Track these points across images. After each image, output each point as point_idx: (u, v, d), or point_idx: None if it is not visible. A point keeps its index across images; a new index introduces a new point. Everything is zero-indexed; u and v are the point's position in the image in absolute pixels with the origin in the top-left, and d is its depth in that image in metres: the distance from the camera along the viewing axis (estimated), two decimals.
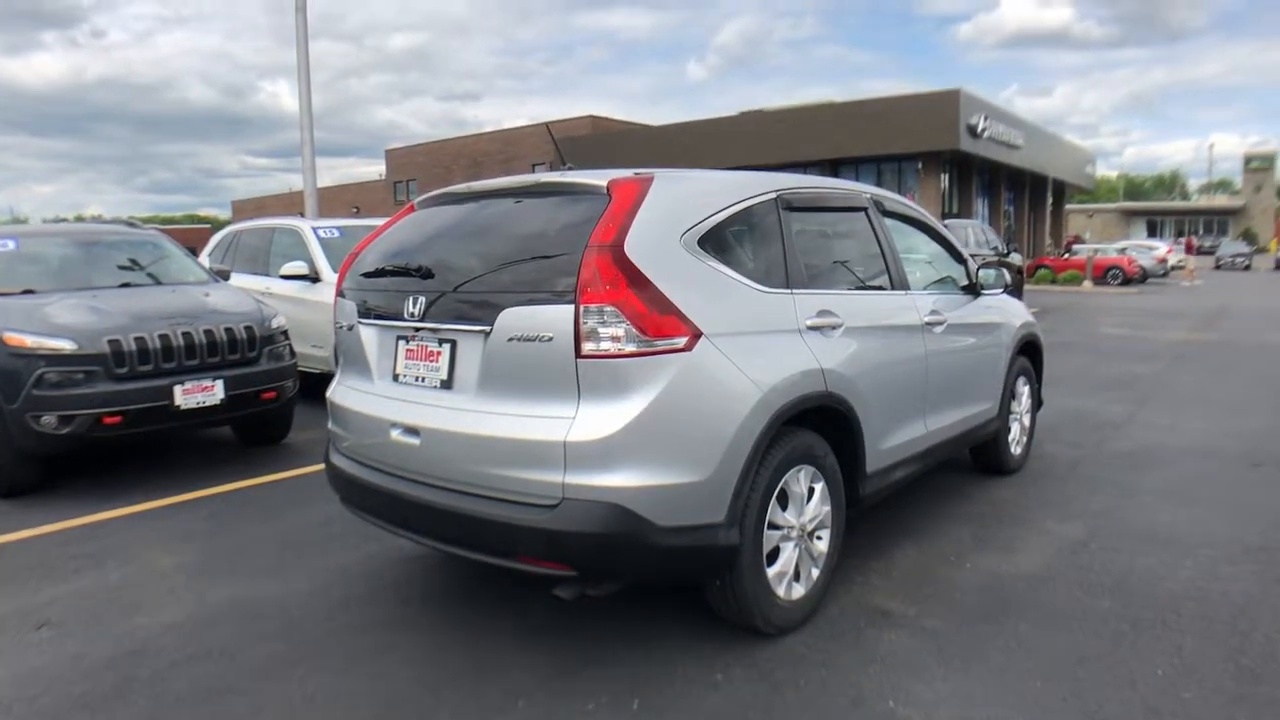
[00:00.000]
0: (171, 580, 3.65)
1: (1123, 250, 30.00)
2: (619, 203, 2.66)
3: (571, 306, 2.50)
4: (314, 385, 6.80)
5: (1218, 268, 37.96)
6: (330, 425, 3.42)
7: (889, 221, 4.02)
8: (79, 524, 4.38)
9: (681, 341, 2.58)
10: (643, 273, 2.55)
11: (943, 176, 27.90)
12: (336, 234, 7.86)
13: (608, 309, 2.48)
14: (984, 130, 26.61)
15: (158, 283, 5.95)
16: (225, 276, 6.54)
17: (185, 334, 4.99)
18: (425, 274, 2.90)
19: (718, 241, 2.89)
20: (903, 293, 3.88)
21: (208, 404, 5.01)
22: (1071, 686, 2.70)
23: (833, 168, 27.26)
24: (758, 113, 31.02)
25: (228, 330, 5.19)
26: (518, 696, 2.66)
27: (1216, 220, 64.25)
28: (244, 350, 5.27)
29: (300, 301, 7.19)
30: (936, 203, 26.87)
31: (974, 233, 17.69)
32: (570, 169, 3.22)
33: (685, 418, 2.59)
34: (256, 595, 3.48)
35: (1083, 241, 38.34)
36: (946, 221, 18.09)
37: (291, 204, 42.11)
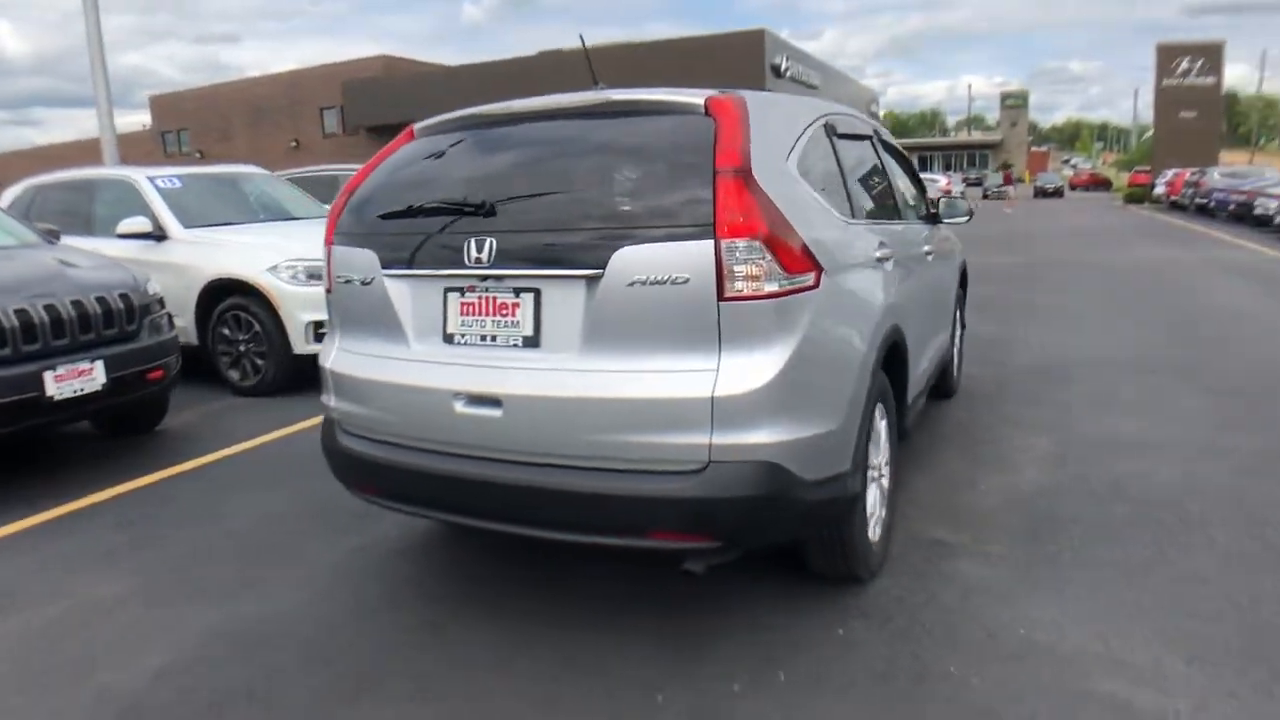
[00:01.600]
0: (122, 613, 2.92)
1: None
2: (727, 122, 2.30)
3: (710, 242, 2.15)
4: None
5: (985, 198, 42.14)
6: (333, 401, 2.82)
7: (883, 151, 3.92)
8: None
9: (811, 278, 2.31)
10: (774, 201, 2.24)
11: None
12: (177, 184, 6.73)
13: (744, 243, 2.16)
14: (787, 70, 27.51)
15: None
16: (56, 236, 5.36)
17: (49, 307, 3.99)
18: (488, 211, 2.40)
19: (806, 168, 2.62)
20: (907, 222, 3.81)
21: (87, 391, 4.06)
22: (1156, 594, 2.78)
23: None
24: (558, 53, 30.09)
25: (100, 300, 4.22)
26: (652, 690, 2.34)
27: (979, 154, 71.38)
28: (122, 324, 4.32)
29: (145, 264, 6.07)
30: None
31: None
32: (603, 88, 2.79)
33: (822, 362, 2.35)
34: (245, 616, 2.87)
35: None
36: None
37: (44, 160, 36.16)
